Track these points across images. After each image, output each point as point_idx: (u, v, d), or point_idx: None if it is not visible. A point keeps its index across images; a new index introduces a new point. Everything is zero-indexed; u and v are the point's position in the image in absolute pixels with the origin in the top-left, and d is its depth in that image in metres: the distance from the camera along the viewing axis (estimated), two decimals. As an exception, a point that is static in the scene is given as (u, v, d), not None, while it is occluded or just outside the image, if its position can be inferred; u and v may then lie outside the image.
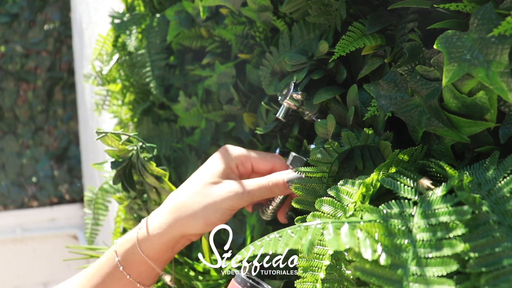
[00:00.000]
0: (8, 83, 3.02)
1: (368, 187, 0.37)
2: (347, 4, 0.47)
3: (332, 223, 0.31)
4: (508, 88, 0.31)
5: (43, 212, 3.07)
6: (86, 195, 0.90)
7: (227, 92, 0.72)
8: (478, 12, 0.32)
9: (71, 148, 3.23)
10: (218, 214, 0.49)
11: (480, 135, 0.37)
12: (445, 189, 0.33)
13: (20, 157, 3.13)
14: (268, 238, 0.33)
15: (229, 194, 0.49)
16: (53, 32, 3.10)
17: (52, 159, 3.18)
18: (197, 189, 0.51)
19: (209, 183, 0.50)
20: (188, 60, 0.89)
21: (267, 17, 0.61)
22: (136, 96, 1.04)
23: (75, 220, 3.09)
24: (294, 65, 0.52)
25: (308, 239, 0.30)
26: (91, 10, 2.01)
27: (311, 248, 0.30)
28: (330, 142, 0.45)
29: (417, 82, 0.39)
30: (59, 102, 3.20)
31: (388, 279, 0.28)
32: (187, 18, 0.82)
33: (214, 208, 0.49)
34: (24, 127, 3.13)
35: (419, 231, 0.30)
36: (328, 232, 0.30)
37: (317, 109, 0.52)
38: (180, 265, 0.64)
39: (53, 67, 3.15)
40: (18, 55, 2.90)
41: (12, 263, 2.95)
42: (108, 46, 1.05)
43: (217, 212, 0.49)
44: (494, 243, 0.28)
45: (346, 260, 0.37)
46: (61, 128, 3.21)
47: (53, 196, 3.18)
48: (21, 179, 3.13)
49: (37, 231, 3.00)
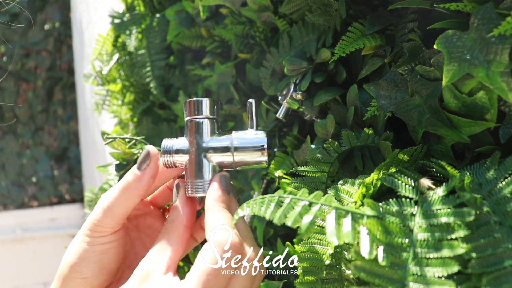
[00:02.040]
0: (8, 83, 3.02)
1: (368, 186, 0.37)
2: (347, 5, 0.47)
3: (337, 209, 0.31)
4: (508, 88, 0.30)
5: (43, 212, 3.07)
6: (86, 195, 0.90)
7: (227, 92, 0.72)
8: (478, 12, 0.32)
9: (71, 148, 3.23)
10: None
11: (480, 135, 0.37)
12: (447, 189, 0.32)
13: (20, 157, 3.13)
14: (270, 198, 0.33)
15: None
16: (53, 32, 3.10)
17: (52, 159, 3.18)
18: None
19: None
20: (188, 60, 0.89)
21: (267, 17, 0.61)
22: (136, 96, 1.04)
23: (75, 220, 3.09)
24: (294, 70, 0.52)
25: (309, 219, 0.30)
26: (91, 10, 2.01)
27: (311, 229, 0.30)
28: (330, 142, 0.45)
29: (417, 82, 0.39)
30: (59, 102, 3.21)
31: (388, 279, 0.28)
32: (187, 18, 0.82)
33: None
34: (24, 127, 3.13)
35: (420, 231, 0.30)
36: (331, 220, 0.30)
37: (317, 110, 0.52)
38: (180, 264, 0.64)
39: (53, 67, 3.16)
40: (17, 54, 2.91)
41: (12, 263, 2.95)
42: (108, 46, 1.05)
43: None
44: (495, 243, 0.28)
45: (346, 259, 0.37)
46: (61, 128, 3.21)
47: (53, 196, 3.18)
48: (21, 179, 3.13)
49: (37, 231, 3.00)
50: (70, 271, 0.42)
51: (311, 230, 0.30)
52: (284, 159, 0.58)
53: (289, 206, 0.32)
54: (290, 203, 0.32)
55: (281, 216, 0.31)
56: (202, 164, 0.44)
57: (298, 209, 0.32)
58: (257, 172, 0.66)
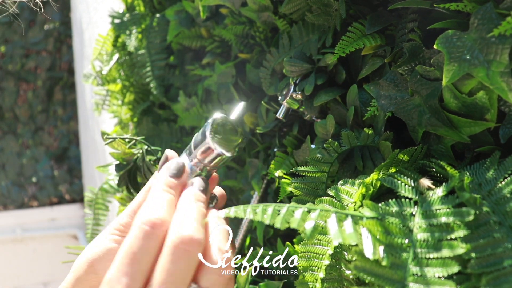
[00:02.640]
0: (8, 83, 3.02)
1: (368, 187, 0.37)
2: (347, 5, 0.47)
3: (336, 213, 0.31)
4: (508, 88, 0.30)
5: (43, 212, 3.08)
6: (86, 195, 0.90)
7: (227, 92, 0.72)
8: (478, 12, 0.32)
9: (71, 148, 3.23)
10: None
11: (480, 135, 0.37)
12: (446, 189, 0.32)
13: (20, 157, 3.13)
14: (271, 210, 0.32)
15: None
16: (53, 32, 3.10)
17: (52, 159, 3.19)
18: None
19: None
20: (188, 60, 0.89)
21: (267, 17, 0.61)
22: (136, 96, 1.04)
23: (75, 220, 3.09)
24: (294, 71, 0.52)
25: (312, 224, 0.30)
26: (91, 10, 2.01)
27: (315, 233, 0.30)
28: (330, 142, 0.45)
29: (417, 82, 0.39)
30: (59, 102, 3.21)
31: (388, 279, 0.28)
32: (187, 18, 0.82)
33: None
34: (24, 127, 3.14)
35: (420, 231, 0.30)
36: (332, 222, 0.30)
37: (317, 110, 0.52)
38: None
39: (53, 67, 3.16)
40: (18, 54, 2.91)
41: (12, 263, 2.95)
42: (108, 46, 1.05)
43: None
44: (494, 243, 0.28)
45: (346, 260, 0.37)
46: (61, 128, 3.22)
47: (53, 196, 3.18)
48: (21, 179, 3.13)
49: (37, 231, 3.00)
50: (88, 266, 0.42)
51: (315, 234, 0.30)
52: (284, 159, 0.58)
53: (288, 213, 0.32)
54: (288, 211, 0.32)
55: (283, 221, 0.31)
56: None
57: (299, 215, 0.32)
58: (257, 172, 0.66)
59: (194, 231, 0.35)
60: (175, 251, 0.34)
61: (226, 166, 0.77)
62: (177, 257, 0.34)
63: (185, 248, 0.34)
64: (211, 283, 0.34)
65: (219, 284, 0.35)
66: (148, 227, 0.35)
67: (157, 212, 0.36)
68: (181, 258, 0.34)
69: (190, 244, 0.34)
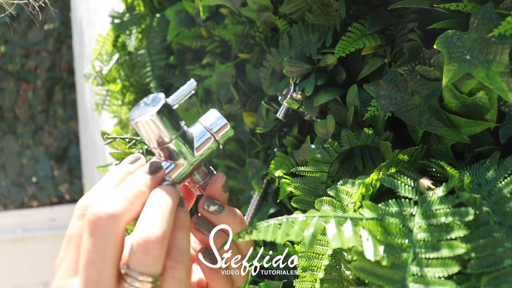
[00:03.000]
0: (8, 83, 3.02)
1: (367, 187, 0.37)
2: (347, 5, 0.47)
3: (335, 217, 0.31)
4: (508, 88, 0.30)
5: (43, 212, 3.08)
6: (86, 195, 0.90)
7: (227, 92, 0.72)
8: (478, 12, 0.32)
9: (71, 148, 3.23)
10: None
11: (480, 135, 0.37)
12: (446, 189, 0.32)
13: (20, 157, 3.13)
14: (267, 224, 0.33)
15: None
16: (53, 32, 3.10)
17: (52, 159, 3.18)
18: None
19: None
20: (188, 60, 0.89)
21: (267, 17, 0.61)
22: (136, 96, 1.04)
23: (75, 220, 3.08)
24: (294, 72, 0.52)
25: (311, 232, 0.30)
26: (91, 10, 2.01)
27: (313, 242, 0.30)
28: (330, 142, 0.45)
29: (417, 82, 0.39)
30: (59, 102, 3.21)
31: (388, 279, 0.28)
32: (187, 18, 0.82)
33: None
34: (24, 127, 3.14)
35: (420, 231, 0.30)
36: (331, 226, 0.30)
37: (317, 110, 0.52)
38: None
39: (53, 67, 3.16)
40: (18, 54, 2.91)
41: (12, 263, 2.95)
42: (108, 46, 1.05)
43: None
44: (494, 243, 0.28)
45: (346, 260, 0.37)
46: (61, 128, 3.22)
47: (53, 196, 3.18)
48: (21, 179, 3.13)
49: (37, 231, 3.00)
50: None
51: (314, 242, 0.30)
52: (284, 159, 0.58)
53: (288, 225, 0.32)
54: (288, 223, 0.32)
55: (283, 235, 0.31)
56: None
57: (297, 226, 0.31)
58: (257, 172, 0.66)
59: (105, 205, 0.33)
60: (87, 227, 0.33)
61: (226, 166, 0.77)
62: (90, 234, 0.33)
63: (96, 222, 0.33)
64: (137, 262, 0.33)
65: (146, 262, 0.33)
66: (80, 210, 0.36)
67: (89, 195, 0.37)
68: (93, 235, 0.33)
69: (100, 218, 0.33)
